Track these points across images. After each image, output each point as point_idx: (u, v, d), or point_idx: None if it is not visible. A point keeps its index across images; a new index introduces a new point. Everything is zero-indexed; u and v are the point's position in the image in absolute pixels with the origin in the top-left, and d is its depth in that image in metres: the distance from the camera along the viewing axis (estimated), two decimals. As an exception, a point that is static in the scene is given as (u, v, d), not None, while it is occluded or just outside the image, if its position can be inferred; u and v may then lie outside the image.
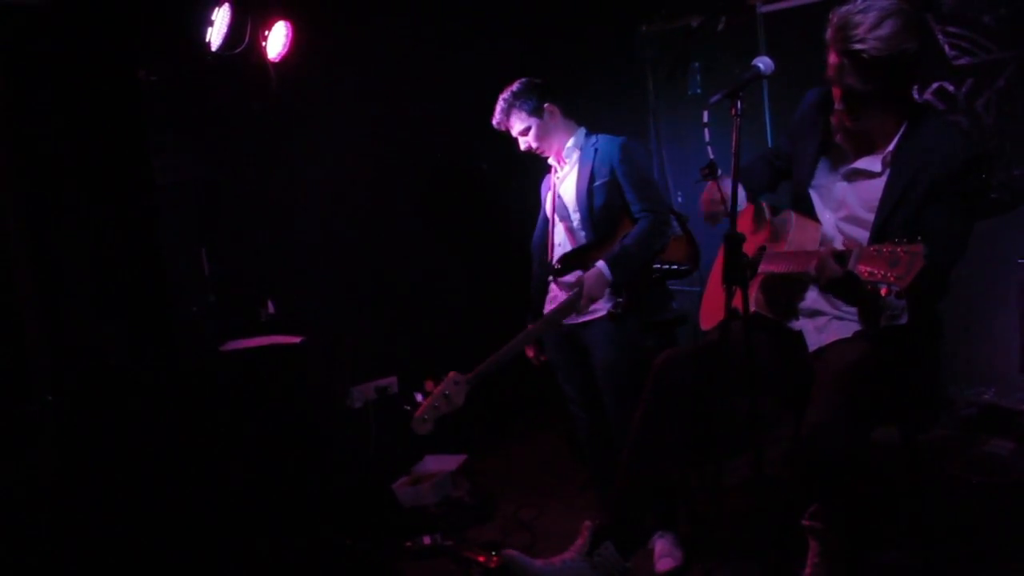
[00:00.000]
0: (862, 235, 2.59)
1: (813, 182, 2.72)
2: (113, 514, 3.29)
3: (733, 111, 2.46)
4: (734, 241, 2.41)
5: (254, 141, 4.08)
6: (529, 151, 3.57)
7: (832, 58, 2.47)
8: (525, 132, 3.50)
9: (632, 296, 3.38)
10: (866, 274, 2.16)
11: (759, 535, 3.06)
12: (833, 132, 2.68)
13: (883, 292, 2.19)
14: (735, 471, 3.89)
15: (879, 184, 2.55)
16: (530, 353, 3.71)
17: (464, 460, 4.40)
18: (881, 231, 2.51)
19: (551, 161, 3.64)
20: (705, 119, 2.46)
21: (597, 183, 3.42)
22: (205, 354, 3.67)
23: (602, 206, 3.42)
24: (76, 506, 3.26)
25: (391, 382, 4.52)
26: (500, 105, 3.51)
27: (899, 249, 2.10)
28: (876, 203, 2.55)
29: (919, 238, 2.10)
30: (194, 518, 3.34)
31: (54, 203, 3.61)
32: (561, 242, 3.62)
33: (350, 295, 4.48)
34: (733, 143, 2.45)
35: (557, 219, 3.61)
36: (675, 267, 3.46)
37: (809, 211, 2.73)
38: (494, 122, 3.56)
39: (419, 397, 3.32)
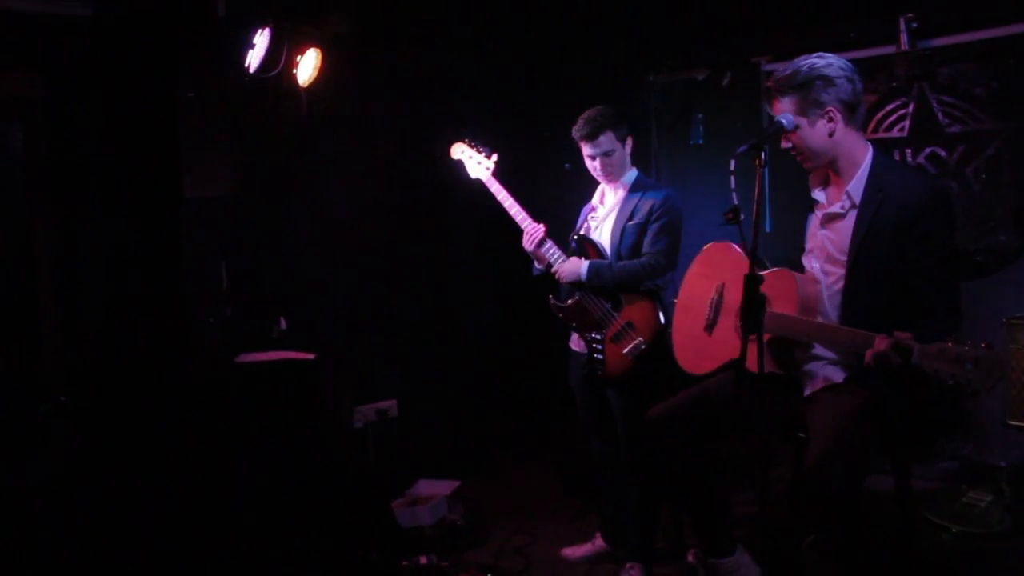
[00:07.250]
0: (839, 272, 2.74)
1: (807, 246, 2.90)
2: (120, 515, 3.33)
3: (757, 161, 2.61)
4: (752, 282, 2.54)
5: (279, 162, 4.19)
6: (599, 170, 3.52)
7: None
8: (607, 154, 3.47)
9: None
10: (931, 371, 2.32)
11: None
12: (810, 190, 2.88)
13: (949, 382, 2.31)
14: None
15: (848, 224, 2.74)
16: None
17: (457, 486, 4.47)
18: (854, 267, 2.68)
19: (595, 200, 3.69)
20: (732, 167, 2.58)
21: (631, 223, 3.48)
22: (218, 364, 3.74)
23: (630, 246, 3.47)
24: (85, 505, 3.30)
25: (391, 405, 4.60)
26: (596, 121, 3.44)
27: (966, 348, 2.26)
28: (847, 243, 2.72)
29: (983, 344, 2.25)
30: (199, 521, 3.39)
31: (82, 207, 3.69)
32: None
33: (360, 317, 4.57)
34: (756, 190, 2.60)
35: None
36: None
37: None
38: (577, 132, 3.48)
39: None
